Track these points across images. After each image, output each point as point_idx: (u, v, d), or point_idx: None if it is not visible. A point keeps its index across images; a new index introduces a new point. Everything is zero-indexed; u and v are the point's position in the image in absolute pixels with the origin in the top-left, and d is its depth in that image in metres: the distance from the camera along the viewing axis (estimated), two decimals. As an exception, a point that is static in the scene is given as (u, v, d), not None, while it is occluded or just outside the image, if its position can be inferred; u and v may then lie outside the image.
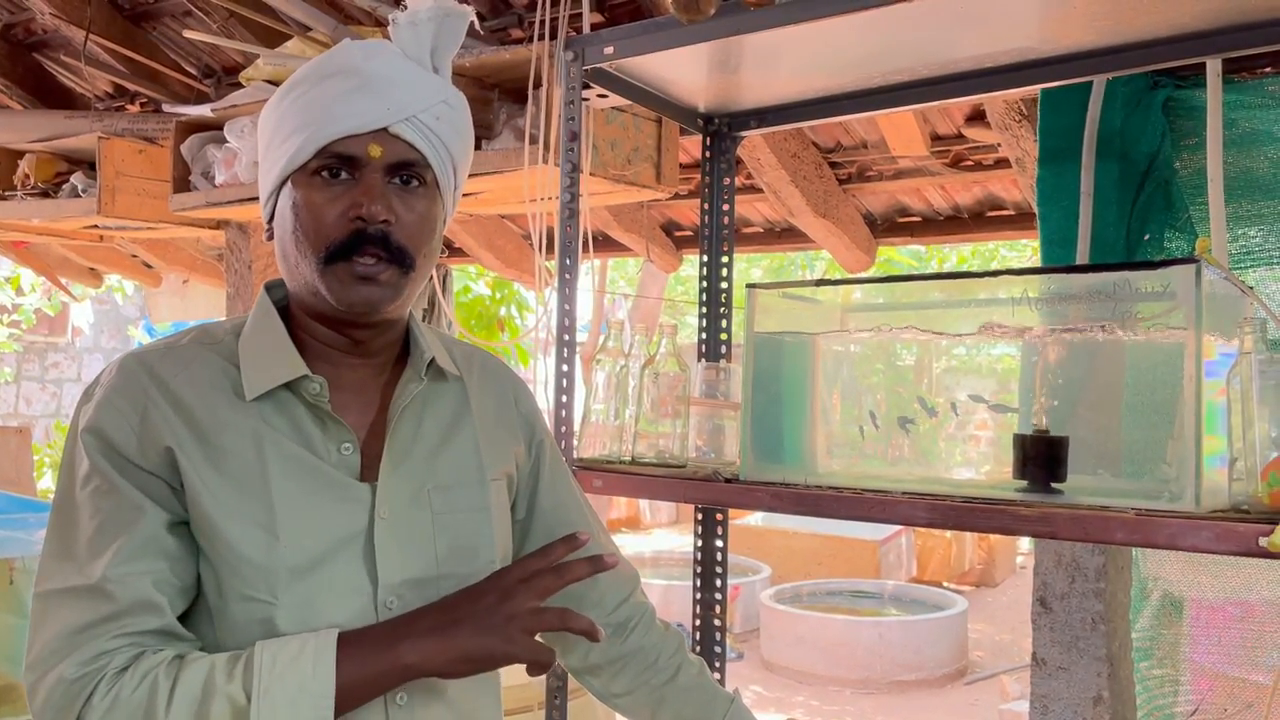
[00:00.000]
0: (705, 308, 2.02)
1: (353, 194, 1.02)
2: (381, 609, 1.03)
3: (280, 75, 2.71)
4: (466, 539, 1.11)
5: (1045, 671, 2.07)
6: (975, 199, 2.94)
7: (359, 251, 1.02)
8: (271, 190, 1.07)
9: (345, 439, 1.06)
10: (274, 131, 1.06)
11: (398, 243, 1.03)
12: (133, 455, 1.00)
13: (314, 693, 0.93)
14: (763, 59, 1.63)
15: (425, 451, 1.11)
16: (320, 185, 1.03)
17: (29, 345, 11.02)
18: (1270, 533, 1.09)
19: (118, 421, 1.01)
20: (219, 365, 1.06)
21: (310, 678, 0.93)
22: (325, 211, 1.02)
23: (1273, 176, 1.86)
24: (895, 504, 1.38)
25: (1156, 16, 1.41)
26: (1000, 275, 1.45)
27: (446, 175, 1.08)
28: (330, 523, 1.03)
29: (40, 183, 3.44)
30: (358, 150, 1.02)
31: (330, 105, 1.02)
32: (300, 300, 1.08)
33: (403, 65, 1.05)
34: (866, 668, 6.45)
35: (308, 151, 1.02)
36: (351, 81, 1.02)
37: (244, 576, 0.99)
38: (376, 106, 1.02)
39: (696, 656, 1.35)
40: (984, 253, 9.82)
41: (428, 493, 1.09)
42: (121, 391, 1.02)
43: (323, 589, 1.01)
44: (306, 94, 1.04)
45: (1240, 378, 1.21)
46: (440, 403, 1.15)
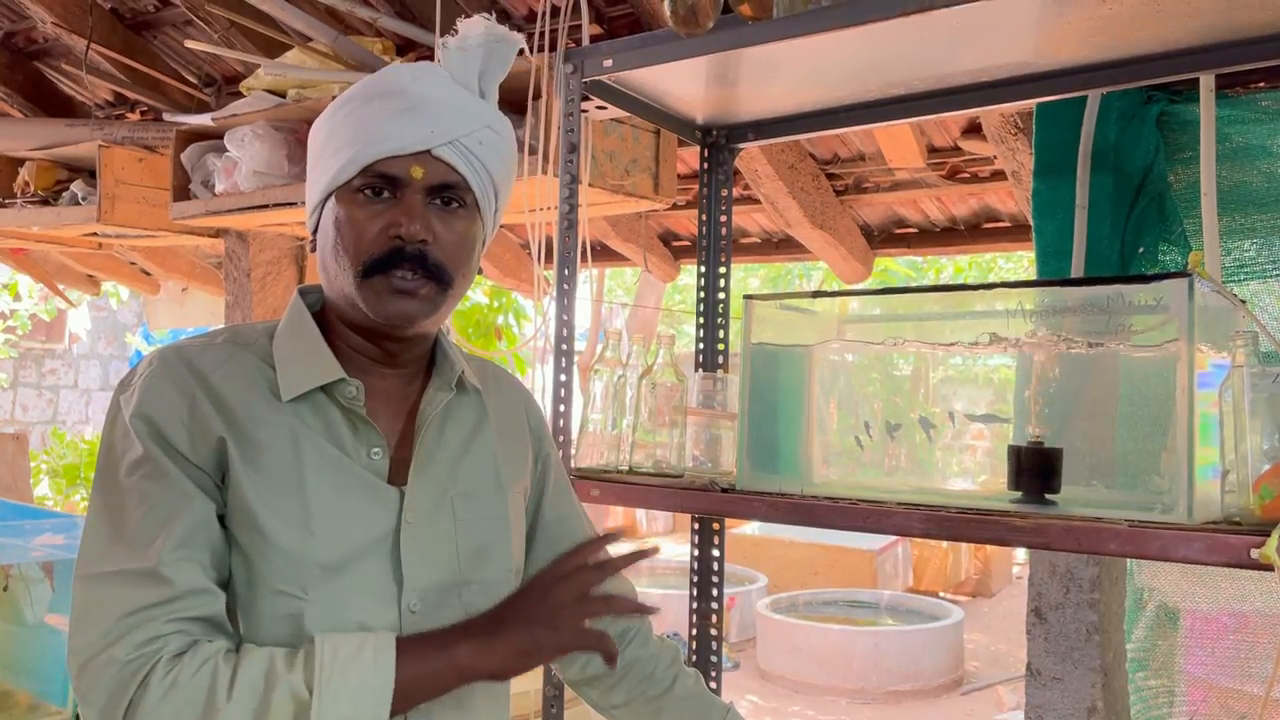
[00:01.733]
0: (702, 318, 2.02)
1: (394, 213, 1.04)
2: (405, 612, 1.05)
3: (281, 85, 2.72)
4: (486, 545, 1.13)
5: (1040, 682, 2.07)
6: (971, 211, 2.96)
7: (396, 266, 1.04)
8: (317, 204, 1.10)
9: (375, 443, 1.08)
10: (322, 147, 1.08)
11: (435, 260, 1.05)
12: (183, 446, 1.01)
13: (374, 688, 0.94)
14: (760, 72, 1.65)
15: (448, 460, 1.13)
16: (362, 203, 1.05)
17: (26, 351, 11.01)
18: (1262, 544, 1.10)
19: (167, 411, 1.02)
20: (254, 364, 1.08)
21: (371, 672, 0.95)
22: (365, 228, 1.04)
23: (1266, 190, 1.87)
24: (891, 514, 1.38)
25: (1150, 32, 1.43)
26: (995, 288, 1.47)
27: (487, 198, 1.10)
28: (361, 523, 1.05)
29: (40, 190, 3.44)
30: (400, 171, 1.04)
31: (376, 125, 1.04)
32: (337, 310, 1.11)
33: (449, 89, 1.07)
34: (863, 677, 6.45)
35: (352, 170, 1.04)
36: (398, 103, 1.04)
37: (277, 569, 1.01)
38: (421, 129, 1.04)
39: (693, 668, 1.36)
40: (980, 264, 9.84)
41: (450, 500, 1.11)
42: (167, 381, 1.04)
43: (350, 588, 1.03)
44: (355, 112, 1.06)
45: (1233, 390, 1.22)
46: (462, 413, 1.17)
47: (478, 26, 1.10)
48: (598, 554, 1.07)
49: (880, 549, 8.31)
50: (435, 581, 1.08)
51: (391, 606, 1.05)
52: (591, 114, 1.78)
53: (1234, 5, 1.33)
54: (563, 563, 1.06)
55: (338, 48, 2.67)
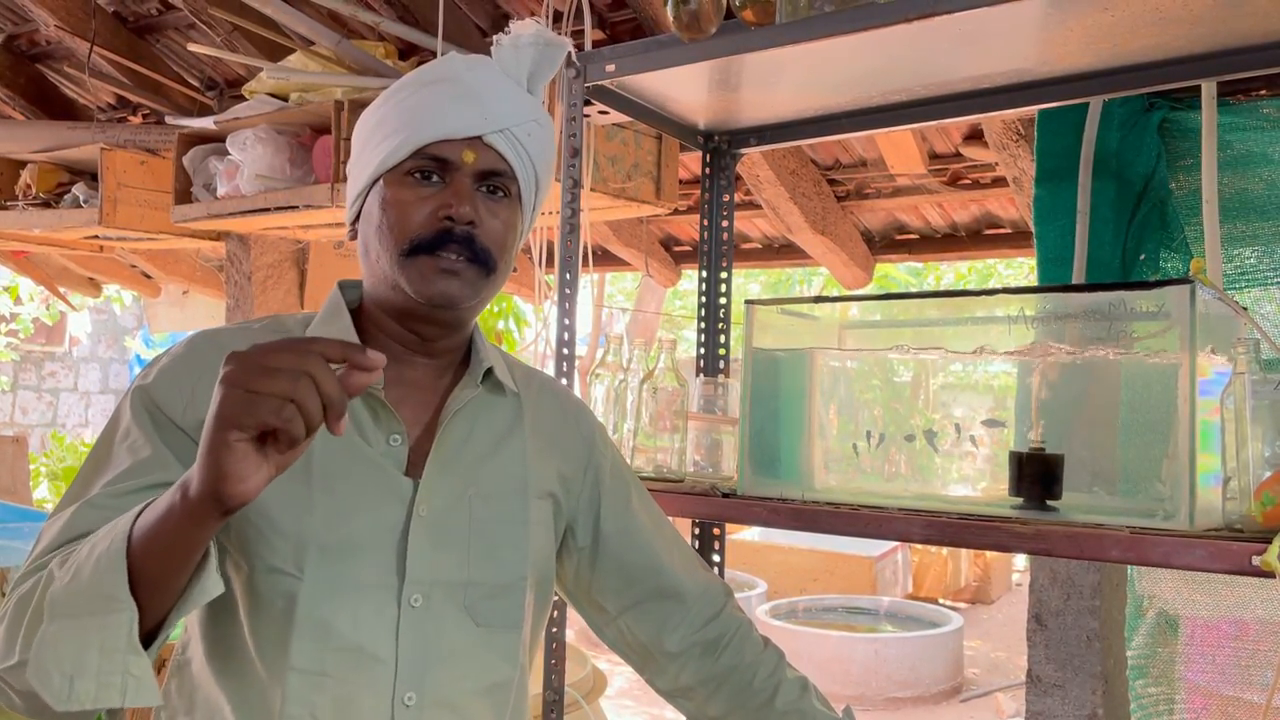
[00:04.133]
0: (704, 323, 2.03)
1: (443, 195, 1.05)
2: (406, 606, 1.04)
3: (283, 89, 2.73)
4: (500, 548, 1.11)
5: (1040, 689, 2.07)
6: (973, 217, 2.96)
7: (443, 246, 1.04)
8: (362, 189, 1.10)
9: (395, 430, 1.08)
10: (371, 133, 1.09)
11: (482, 244, 1.06)
12: (177, 417, 1.02)
13: (108, 549, 0.86)
14: (763, 77, 1.65)
15: (473, 458, 1.12)
16: (412, 184, 1.06)
17: (26, 354, 11.01)
18: (1263, 551, 1.10)
19: (172, 386, 1.03)
20: None
21: (106, 540, 0.87)
22: (414, 209, 1.05)
23: (1267, 197, 1.87)
24: (891, 520, 1.38)
25: (1152, 40, 1.43)
26: (997, 294, 1.47)
27: (530, 190, 1.12)
28: (366, 509, 1.04)
29: (42, 193, 3.45)
30: (452, 154, 1.06)
31: (430, 109, 1.05)
32: (377, 296, 1.11)
33: (501, 80, 1.10)
34: (862, 684, 6.44)
35: (404, 151, 1.05)
36: (453, 89, 1.06)
37: (274, 546, 1.00)
38: (474, 114, 1.06)
39: (798, 674, 1.29)
40: (981, 270, 9.85)
41: (469, 498, 1.10)
42: (184, 361, 1.06)
43: (349, 574, 1.02)
44: (409, 99, 1.07)
45: (1234, 397, 1.22)
46: (494, 414, 1.16)
47: (530, 28, 1.12)
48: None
49: (880, 555, 8.30)
50: (440, 578, 1.06)
51: (391, 598, 1.03)
52: (594, 119, 1.78)
53: (1236, 13, 1.33)
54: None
55: (340, 51, 2.68)
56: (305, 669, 1.00)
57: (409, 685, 1.03)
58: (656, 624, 1.25)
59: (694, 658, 1.26)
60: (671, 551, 1.28)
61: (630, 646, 1.28)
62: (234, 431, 0.76)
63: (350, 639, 1.01)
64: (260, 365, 0.76)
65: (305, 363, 0.76)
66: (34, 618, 0.86)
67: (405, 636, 1.03)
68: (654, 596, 1.25)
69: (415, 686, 1.03)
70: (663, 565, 1.26)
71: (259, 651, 1.01)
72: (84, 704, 0.82)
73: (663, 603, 1.25)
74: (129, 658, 0.83)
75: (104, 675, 0.82)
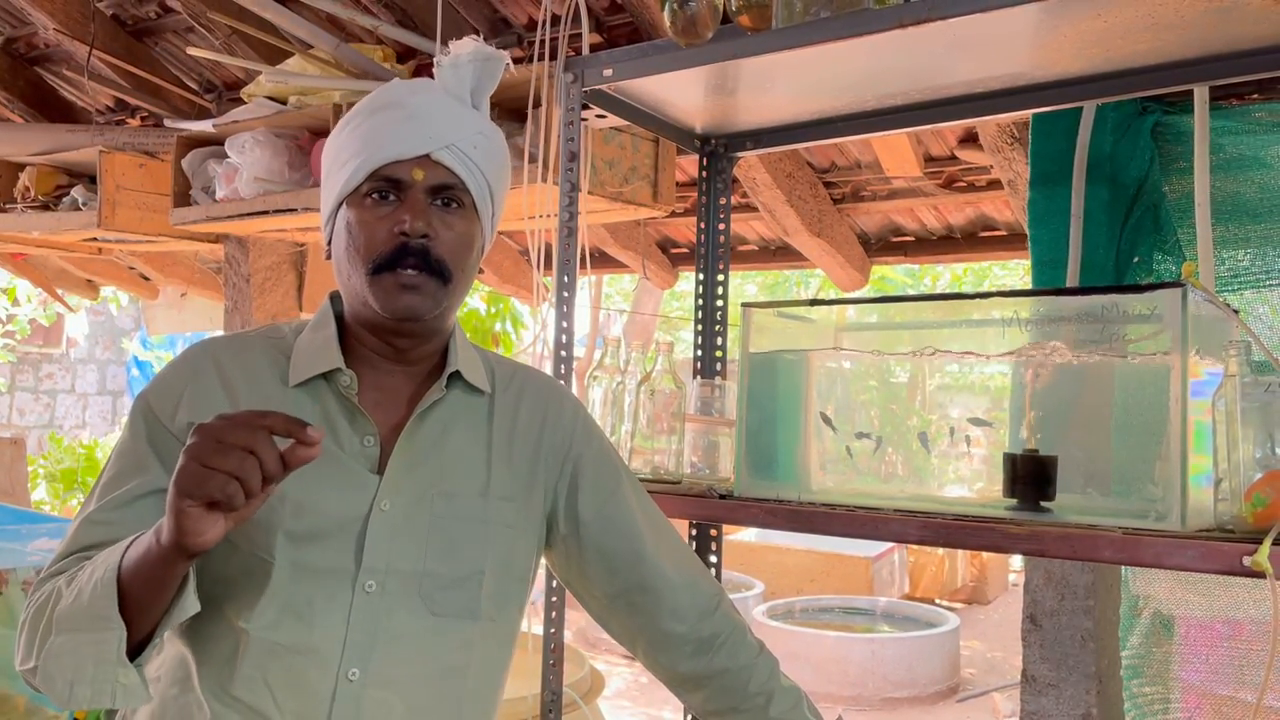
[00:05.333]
0: (701, 325, 2.04)
1: (398, 213, 1.13)
2: (359, 590, 1.11)
3: (282, 92, 2.74)
4: (458, 544, 1.17)
5: (1035, 689, 2.08)
6: (968, 219, 2.97)
7: (402, 264, 1.12)
8: (330, 213, 1.19)
9: (369, 432, 1.16)
10: (332, 160, 1.18)
11: (437, 256, 1.14)
12: (167, 421, 1.13)
13: (101, 578, 0.99)
14: (759, 82, 1.66)
15: (439, 458, 1.18)
16: (370, 206, 1.14)
17: (23, 356, 11.00)
18: (1254, 552, 1.11)
19: (166, 392, 1.15)
20: (273, 355, 1.19)
21: (103, 567, 1.00)
22: (374, 229, 1.13)
23: (1259, 201, 1.89)
24: (887, 521, 1.39)
25: (1145, 44, 1.44)
26: (991, 296, 1.48)
27: (484, 199, 1.19)
28: (332, 502, 1.12)
29: (40, 195, 3.45)
30: (403, 174, 1.13)
31: (379, 134, 1.14)
32: (352, 310, 1.20)
33: (443, 100, 1.17)
34: (859, 685, 6.45)
35: (359, 176, 1.13)
36: (399, 113, 1.15)
37: (248, 534, 1.09)
38: (419, 135, 1.13)
39: (792, 683, 1.31)
40: (977, 272, 9.86)
41: (431, 496, 1.16)
42: (178, 368, 1.18)
43: (310, 559, 1.11)
44: (359, 126, 1.16)
45: (1225, 399, 1.24)
46: (465, 416, 1.22)
47: (468, 46, 1.21)
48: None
49: (876, 556, 8.31)
50: (395, 568, 1.13)
51: (346, 583, 1.11)
52: (591, 122, 1.79)
53: (1227, 18, 1.34)
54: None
55: (339, 55, 2.68)
56: (262, 637, 1.09)
57: (353, 663, 1.10)
58: (645, 615, 1.28)
59: (687, 654, 1.28)
60: (660, 545, 1.29)
61: (626, 636, 1.32)
62: (187, 500, 0.90)
63: (305, 617, 1.10)
64: (215, 442, 0.89)
65: (253, 440, 0.89)
66: (45, 630, 1.01)
67: (355, 618, 1.11)
68: (638, 587, 1.27)
69: (359, 664, 1.10)
70: (645, 556, 1.27)
71: (230, 616, 1.10)
72: (82, 705, 0.97)
73: (647, 594, 1.27)
74: (118, 669, 0.97)
75: (98, 683, 0.97)
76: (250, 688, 1.08)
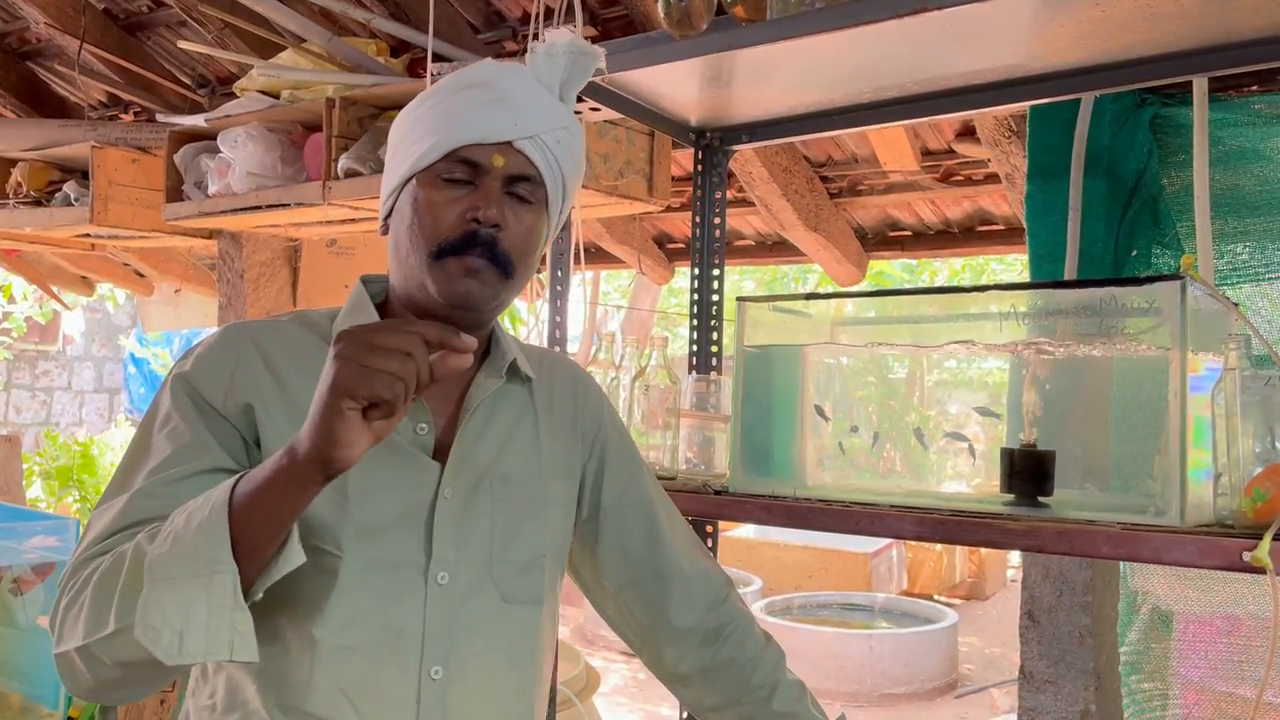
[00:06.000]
0: (696, 320, 2.02)
1: (472, 198, 1.08)
2: (432, 583, 1.08)
3: (274, 87, 2.72)
4: (520, 529, 1.15)
5: (1033, 685, 2.07)
6: (965, 213, 2.96)
7: (469, 251, 1.07)
8: (395, 188, 1.13)
9: (423, 419, 1.12)
10: (406, 133, 1.13)
11: (504, 248, 1.09)
12: (215, 401, 1.06)
13: (208, 517, 0.90)
14: (754, 74, 1.64)
15: (493, 443, 1.16)
16: (442, 186, 1.09)
17: (19, 353, 10.97)
18: (1254, 548, 1.10)
19: (210, 373, 1.08)
20: (314, 341, 1.13)
21: (204, 507, 0.91)
22: (444, 210, 1.08)
23: (1259, 193, 1.87)
24: (884, 517, 1.38)
25: (1143, 35, 1.43)
26: (989, 290, 1.46)
27: (556, 196, 1.14)
28: (397, 490, 1.08)
29: (33, 191, 3.43)
30: (482, 158, 1.08)
31: (463, 113, 1.08)
32: (403, 293, 1.14)
33: (534, 87, 1.12)
34: (857, 681, 6.44)
35: (436, 154, 1.08)
36: (487, 94, 1.09)
37: (312, 527, 1.03)
38: (506, 120, 1.08)
39: (796, 677, 1.31)
40: (974, 266, 9.85)
41: (490, 481, 1.14)
42: (219, 350, 1.10)
43: (379, 553, 1.06)
44: (442, 102, 1.10)
45: (1225, 393, 1.22)
46: (512, 401, 1.20)
47: (564, 36, 1.14)
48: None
49: (874, 552, 8.31)
50: (465, 557, 1.10)
51: (418, 576, 1.07)
52: (585, 115, 1.78)
53: (1227, 8, 1.33)
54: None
55: (331, 49, 2.67)
56: (335, 643, 1.03)
57: (435, 659, 1.07)
58: (656, 604, 1.27)
59: (694, 645, 1.27)
60: (674, 534, 1.30)
61: (630, 626, 1.31)
62: (348, 400, 0.84)
63: (378, 615, 1.05)
64: (371, 344, 0.85)
65: (408, 343, 0.85)
66: (128, 586, 0.91)
67: (431, 612, 1.07)
68: (652, 575, 1.27)
69: (442, 660, 1.07)
70: (663, 543, 1.28)
71: (291, 626, 1.04)
72: (194, 657, 0.88)
73: (660, 583, 1.27)
74: (235, 614, 0.88)
75: (212, 631, 0.88)
76: (327, 701, 1.02)
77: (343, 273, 3.62)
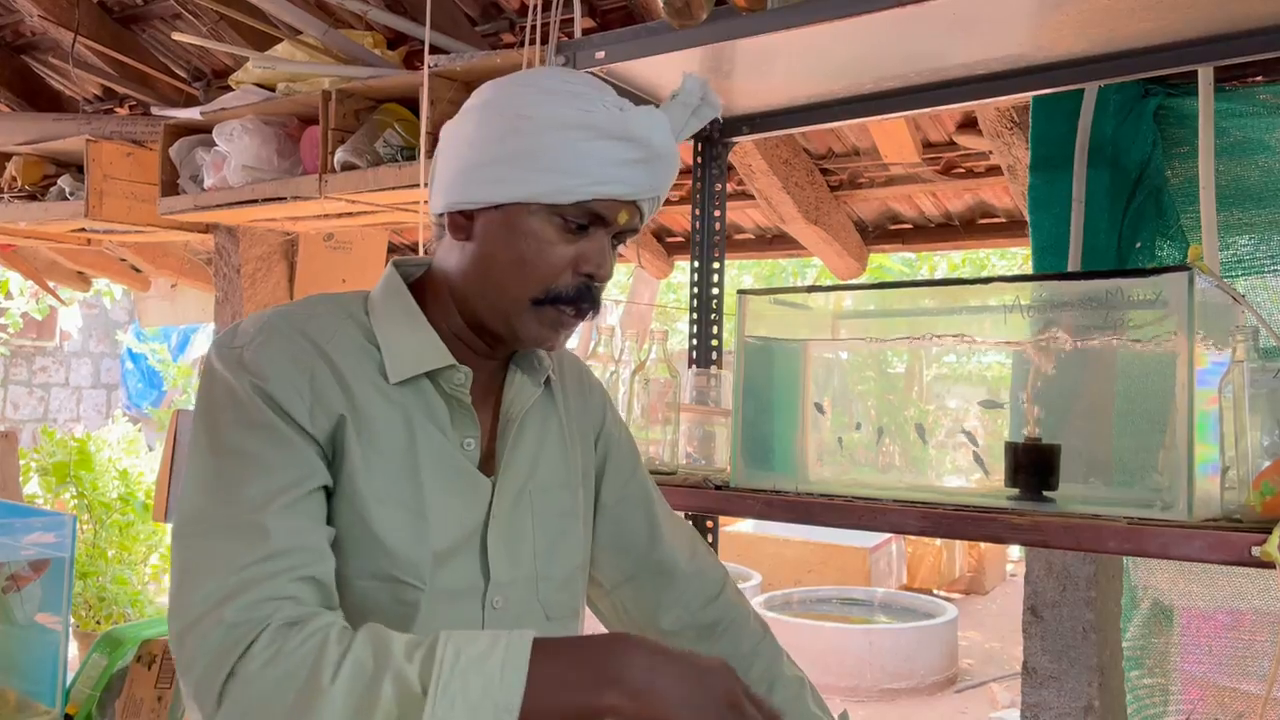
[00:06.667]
0: (696, 314, 2.01)
1: (586, 249, 1.04)
2: (489, 608, 1.05)
3: (270, 79, 2.70)
4: (558, 540, 1.13)
5: (1036, 680, 2.06)
6: (967, 206, 2.94)
7: (574, 303, 1.05)
8: (489, 202, 1.03)
9: (470, 434, 1.08)
10: (520, 149, 1.02)
11: (599, 295, 1.07)
12: (302, 419, 0.98)
13: (498, 702, 0.83)
14: (754, 64, 1.63)
15: (529, 453, 1.13)
16: (561, 229, 1.03)
17: (16, 349, 10.95)
18: (1263, 542, 1.08)
19: (286, 379, 0.99)
20: (359, 340, 1.05)
21: (497, 683, 0.83)
22: (559, 256, 1.03)
23: (1263, 185, 1.86)
24: (886, 512, 1.37)
25: (1148, 24, 1.41)
26: (992, 282, 1.45)
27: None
28: (461, 513, 1.05)
29: (27, 185, 3.41)
30: (609, 212, 1.04)
31: (613, 170, 1.02)
32: (468, 305, 1.08)
33: (673, 146, 1.07)
34: (856, 675, 6.44)
35: (570, 198, 1.01)
36: (639, 152, 1.03)
37: (395, 559, 0.99)
38: (651, 183, 1.05)
39: (796, 671, 1.28)
40: (975, 260, 9.84)
41: (529, 494, 1.11)
42: (284, 350, 1.00)
43: (448, 582, 1.02)
44: (585, 144, 1.01)
45: (1232, 386, 1.21)
46: (541, 406, 1.17)
47: (699, 90, 1.10)
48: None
49: (874, 547, 8.30)
50: (517, 576, 1.07)
51: (477, 602, 1.04)
52: (583, 107, 1.76)
53: (1233, -4, 1.31)
54: (749, 692, 0.91)
55: (328, 41, 2.64)
56: None
57: None
58: (651, 600, 1.25)
59: (689, 640, 1.26)
60: (672, 530, 1.28)
61: (622, 623, 1.29)
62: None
63: None
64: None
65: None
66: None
67: None
68: (649, 571, 1.25)
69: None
70: (660, 539, 1.26)
71: None
72: None
73: (657, 578, 1.25)
74: None
75: None
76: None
77: (340, 267, 3.60)
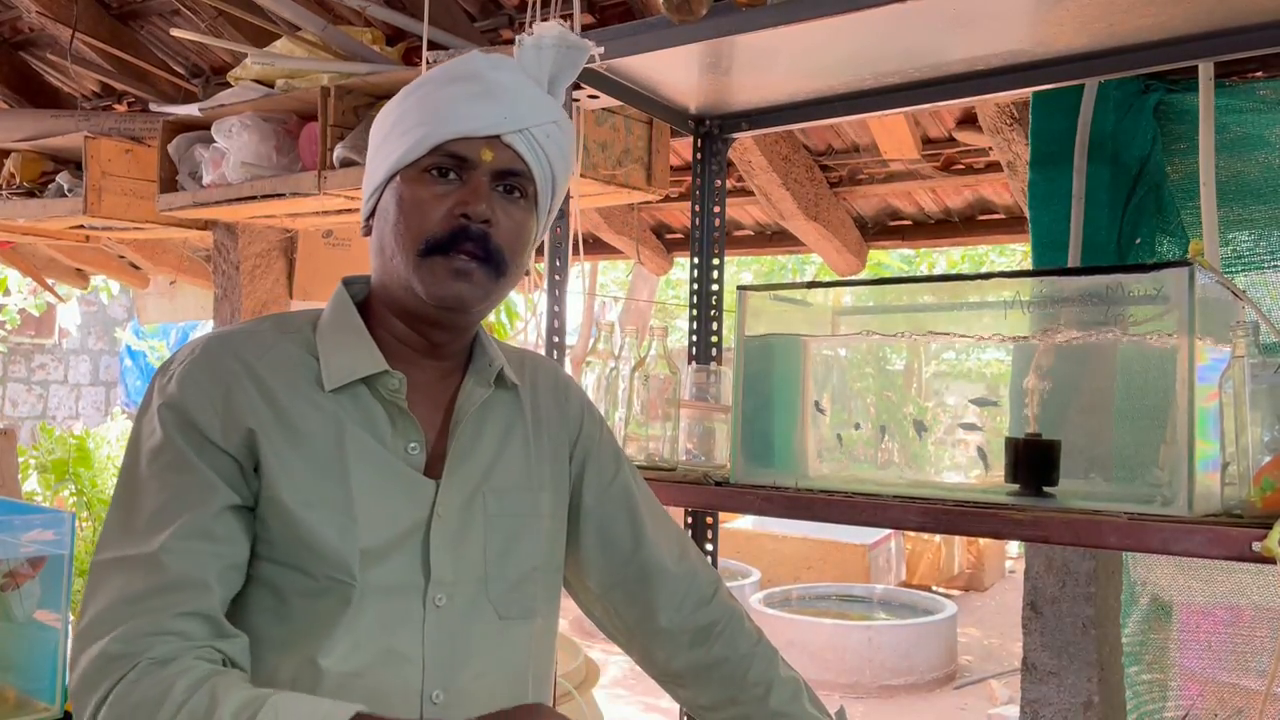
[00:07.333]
0: (695, 310, 2.00)
1: (460, 193, 1.05)
2: (430, 605, 1.06)
3: (269, 75, 2.69)
4: (513, 542, 1.13)
5: (1036, 676, 2.06)
6: (966, 202, 2.94)
7: (457, 248, 1.04)
8: (378, 185, 1.09)
9: (413, 438, 1.09)
10: (390, 128, 1.09)
11: (495, 244, 1.06)
12: (213, 434, 1.01)
13: None
14: (754, 60, 1.63)
15: (483, 456, 1.13)
16: (429, 181, 1.06)
17: (15, 347, 10.94)
18: (1263, 537, 1.08)
19: (200, 399, 1.02)
20: (298, 353, 1.08)
21: None
22: (431, 207, 1.05)
23: (1263, 181, 1.86)
24: (887, 507, 1.37)
25: (1148, 19, 1.41)
26: (992, 278, 1.45)
27: (546, 193, 1.12)
28: (399, 513, 1.06)
29: (26, 182, 3.41)
30: (470, 152, 1.05)
31: (451, 107, 1.05)
32: (387, 296, 1.10)
33: (523, 80, 1.09)
34: (856, 672, 6.45)
35: (423, 148, 1.05)
36: (475, 87, 1.06)
37: (321, 556, 1.01)
38: (495, 113, 1.06)
39: (792, 673, 1.28)
40: (974, 257, 9.84)
41: (483, 495, 1.11)
42: (205, 369, 1.04)
43: (384, 578, 1.03)
44: (429, 95, 1.07)
45: (1233, 381, 1.21)
46: (499, 409, 1.17)
47: (552, 29, 1.13)
48: None
49: (873, 543, 8.31)
50: (461, 577, 1.08)
51: (417, 599, 1.05)
52: (583, 103, 1.76)
53: (1234, -9, 1.31)
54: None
55: (326, 37, 2.64)
56: (339, 670, 1.01)
57: (436, 683, 1.05)
58: (642, 603, 1.25)
59: (684, 645, 1.25)
60: (658, 532, 1.27)
61: (617, 628, 1.29)
62: None
63: (380, 640, 1.03)
64: None
65: None
66: None
67: (431, 637, 1.05)
68: (636, 575, 1.25)
69: (442, 684, 1.05)
70: (646, 543, 1.25)
71: (291, 657, 1.01)
72: None
73: (645, 583, 1.24)
74: None
75: None
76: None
77: (339, 264, 3.60)
